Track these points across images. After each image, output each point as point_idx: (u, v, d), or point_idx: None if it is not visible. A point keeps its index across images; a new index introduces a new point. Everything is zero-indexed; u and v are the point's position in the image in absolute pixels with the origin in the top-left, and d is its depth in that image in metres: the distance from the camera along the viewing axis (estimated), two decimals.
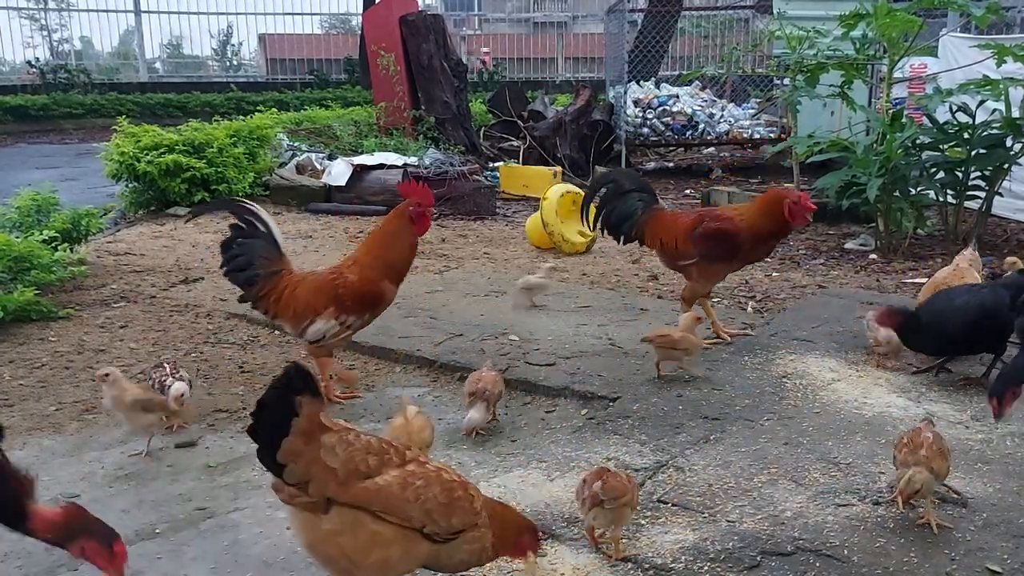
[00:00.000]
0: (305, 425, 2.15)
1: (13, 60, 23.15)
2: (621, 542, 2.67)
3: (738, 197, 9.07)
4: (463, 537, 2.29)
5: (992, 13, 6.91)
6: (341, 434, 2.21)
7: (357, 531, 2.18)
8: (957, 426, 3.58)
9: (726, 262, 4.62)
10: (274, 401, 2.14)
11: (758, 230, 4.46)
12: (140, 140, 8.20)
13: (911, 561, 2.60)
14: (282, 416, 2.14)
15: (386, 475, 2.22)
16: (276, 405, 2.14)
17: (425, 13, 11.97)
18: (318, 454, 2.16)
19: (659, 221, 4.70)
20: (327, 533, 2.19)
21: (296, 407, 2.13)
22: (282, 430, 2.14)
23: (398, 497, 2.20)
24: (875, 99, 9.57)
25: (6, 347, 4.73)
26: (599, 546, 2.70)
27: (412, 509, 2.21)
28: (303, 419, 2.15)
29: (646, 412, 3.75)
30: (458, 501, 2.27)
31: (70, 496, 3.14)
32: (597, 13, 25.09)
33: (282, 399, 2.14)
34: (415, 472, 2.26)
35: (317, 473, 2.16)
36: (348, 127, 11.53)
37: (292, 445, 2.14)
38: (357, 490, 2.19)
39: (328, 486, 2.17)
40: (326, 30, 27.10)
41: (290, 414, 2.13)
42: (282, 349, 4.78)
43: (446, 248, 7.31)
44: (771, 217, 4.43)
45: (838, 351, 4.51)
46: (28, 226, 6.20)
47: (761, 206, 4.52)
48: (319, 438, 2.17)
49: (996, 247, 7.17)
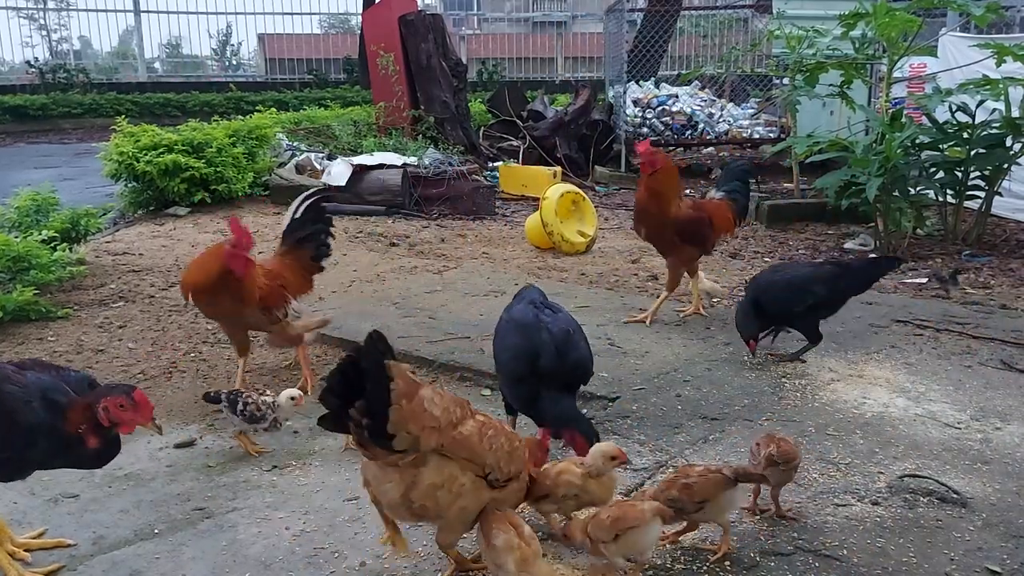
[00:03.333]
0: (403, 387, 2.18)
1: (12, 60, 23.21)
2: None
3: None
4: (511, 484, 2.43)
5: (992, 13, 6.91)
6: (430, 386, 2.29)
7: (452, 484, 2.28)
8: (957, 426, 3.58)
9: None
10: (372, 373, 2.13)
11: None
12: (139, 140, 8.19)
13: (910, 561, 2.60)
14: (379, 387, 2.14)
15: (467, 424, 2.33)
16: (374, 377, 2.14)
17: (424, 13, 11.96)
18: (423, 408, 2.21)
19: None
20: (428, 487, 2.26)
21: (389, 372, 2.14)
22: (384, 400, 2.15)
23: (479, 445, 2.32)
24: (874, 99, 9.56)
25: (4, 347, 4.73)
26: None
27: (488, 456, 2.34)
28: (399, 381, 2.16)
29: (645, 412, 3.75)
30: (516, 450, 2.45)
31: (69, 496, 3.14)
32: (596, 13, 25.06)
33: (377, 369, 2.14)
34: (486, 423, 2.39)
35: (424, 429, 2.21)
36: (347, 127, 11.52)
37: (399, 413, 2.17)
38: (451, 439, 2.27)
39: (433, 438, 2.23)
40: (325, 30, 27.09)
41: (386, 381, 2.14)
42: (282, 349, 4.76)
43: (445, 248, 7.31)
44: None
45: (837, 351, 4.51)
46: (27, 226, 6.19)
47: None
48: (417, 392, 2.22)
49: (996, 247, 7.18)
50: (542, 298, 3.31)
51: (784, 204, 8.48)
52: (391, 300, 5.52)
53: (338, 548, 2.73)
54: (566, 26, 29.61)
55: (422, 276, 6.22)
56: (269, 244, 7.20)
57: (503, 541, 2.29)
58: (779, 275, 4.46)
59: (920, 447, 3.39)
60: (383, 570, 2.60)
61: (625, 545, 2.39)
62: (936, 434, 3.51)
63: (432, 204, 8.82)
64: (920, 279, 6.23)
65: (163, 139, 8.22)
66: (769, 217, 8.26)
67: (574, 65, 24.43)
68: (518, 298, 3.37)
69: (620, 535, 2.38)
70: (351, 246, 7.21)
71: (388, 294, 5.69)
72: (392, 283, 6.01)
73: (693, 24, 18.76)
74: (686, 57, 19.56)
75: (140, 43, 21.56)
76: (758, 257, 7.08)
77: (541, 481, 2.62)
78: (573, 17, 30.46)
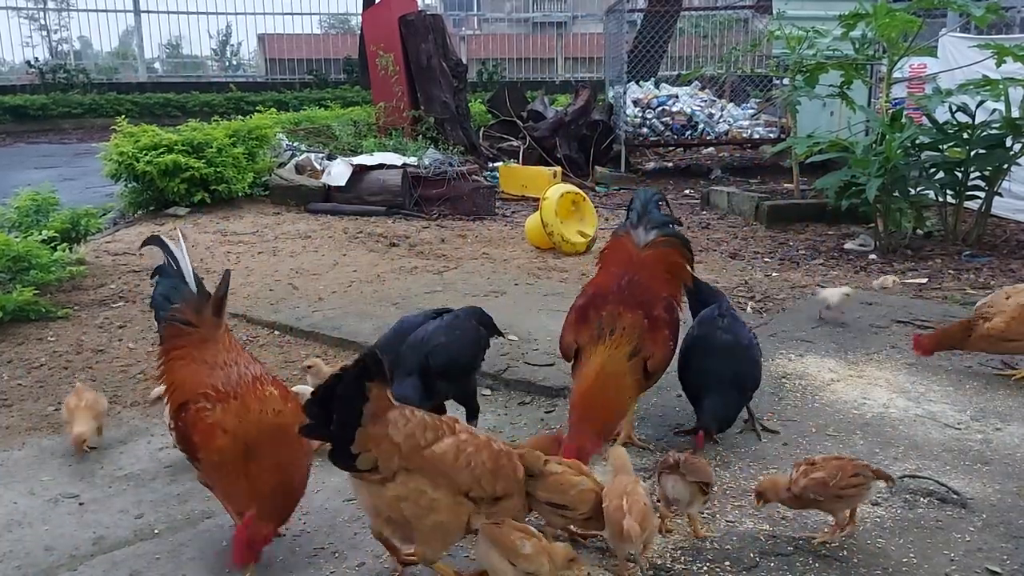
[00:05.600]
0: (374, 408, 2.24)
1: (12, 60, 23.22)
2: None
3: (737, 197, 9.09)
4: (503, 503, 2.42)
5: (992, 13, 6.92)
6: (401, 409, 2.32)
7: (419, 498, 2.30)
8: (957, 427, 3.58)
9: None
10: (346, 395, 2.19)
11: None
12: (139, 140, 8.18)
13: (910, 562, 2.60)
14: (350, 409, 2.20)
15: (441, 444, 2.34)
16: (347, 399, 2.19)
17: (424, 13, 11.96)
18: (386, 431, 2.26)
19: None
20: (392, 499, 2.30)
21: (366, 394, 2.20)
22: (353, 423, 2.22)
23: (452, 464, 2.33)
24: (875, 99, 9.57)
25: (4, 347, 4.73)
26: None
27: (463, 474, 2.34)
28: (372, 404, 2.23)
29: (645, 412, 3.75)
30: (503, 468, 2.42)
31: (69, 496, 3.14)
32: (596, 13, 25.04)
33: (353, 391, 2.20)
34: (466, 440, 2.39)
35: (385, 451, 2.26)
36: (347, 127, 11.52)
37: (363, 434, 2.23)
38: (419, 459, 2.30)
39: (393, 460, 2.27)
40: (325, 30, 27.07)
41: (360, 403, 2.21)
42: (282, 349, 4.77)
43: (445, 248, 7.31)
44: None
45: (837, 351, 4.51)
46: (27, 226, 6.18)
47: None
48: (385, 415, 2.28)
49: (996, 247, 7.18)
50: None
51: (784, 204, 8.48)
52: (391, 300, 5.52)
53: (338, 548, 2.73)
54: (566, 26, 29.59)
55: (422, 276, 6.22)
56: (268, 244, 7.22)
57: (532, 547, 2.29)
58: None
59: (920, 447, 3.39)
60: (383, 570, 2.60)
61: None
62: (936, 434, 3.51)
63: (432, 204, 8.82)
64: (920, 279, 6.23)
65: (163, 139, 8.22)
66: (769, 217, 8.26)
67: (574, 65, 24.41)
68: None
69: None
70: (351, 246, 7.21)
71: (388, 294, 5.69)
72: (392, 283, 6.01)
73: (693, 24, 18.78)
74: (686, 57, 19.57)
75: (140, 43, 21.56)
76: (758, 257, 7.07)
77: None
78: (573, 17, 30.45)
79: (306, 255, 6.84)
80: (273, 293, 5.72)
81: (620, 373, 3.08)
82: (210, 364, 2.67)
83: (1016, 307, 4.05)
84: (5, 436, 3.66)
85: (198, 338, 2.74)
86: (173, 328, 2.77)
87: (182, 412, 2.61)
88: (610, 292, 3.26)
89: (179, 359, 2.72)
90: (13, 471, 3.35)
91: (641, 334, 3.12)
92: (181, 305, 2.79)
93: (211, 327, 2.77)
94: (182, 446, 2.68)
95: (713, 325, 3.51)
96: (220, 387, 2.59)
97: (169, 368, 2.75)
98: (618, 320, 3.13)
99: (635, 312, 3.16)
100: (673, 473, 2.63)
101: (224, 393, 2.58)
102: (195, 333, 2.75)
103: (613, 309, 3.17)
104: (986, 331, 4.05)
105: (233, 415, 2.52)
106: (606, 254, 3.59)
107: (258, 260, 6.68)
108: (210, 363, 2.67)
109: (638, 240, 3.47)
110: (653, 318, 3.18)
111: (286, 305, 5.43)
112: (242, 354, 2.76)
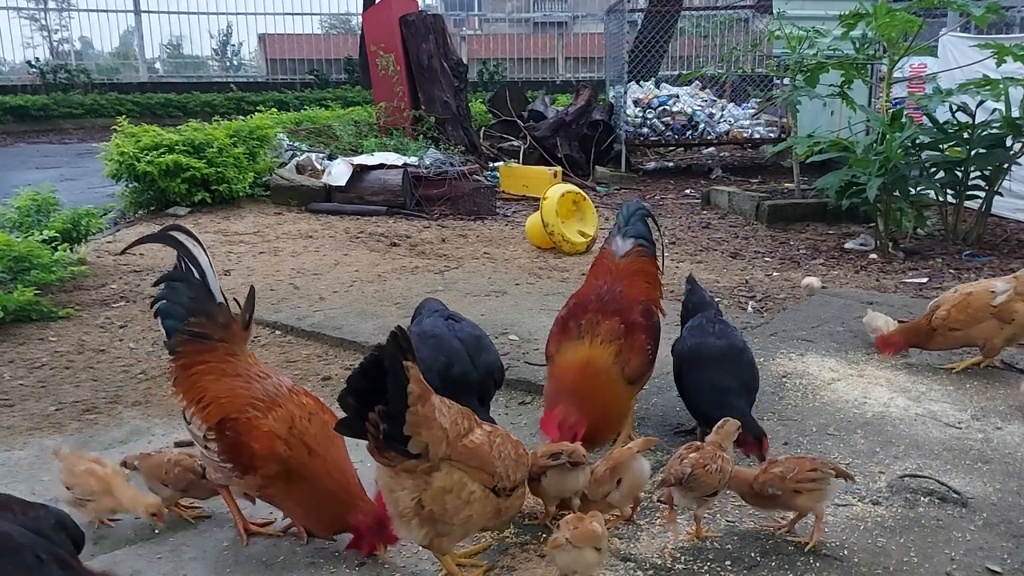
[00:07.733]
0: (419, 391, 2.13)
1: (13, 60, 23.23)
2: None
3: (738, 197, 9.09)
4: (516, 492, 2.44)
5: (992, 13, 6.92)
6: (437, 395, 2.25)
7: (461, 490, 2.27)
8: (958, 426, 3.58)
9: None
10: (394, 373, 2.07)
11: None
12: (140, 140, 8.20)
13: (911, 561, 2.60)
14: (399, 388, 2.09)
15: (475, 434, 2.33)
16: (396, 377, 2.07)
17: (425, 13, 11.97)
18: (433, 415, 2.17)
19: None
20: (438, 491, 2.23)
21: (407, 374, 2.08)
22: (403, 402, 2.10)
23: (488, 454, 2.32)
24: (875, 99, 9.57)
25: (6, 347, 4.73)
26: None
27: (498, 465, 2.33)
28: (415, 385, 2.11)
29: (645, 412, 3.75)
30: (522, 457, 2.46)
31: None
32: (597, 13, 25.07)
33: (399, 369, 2.07)
34: (493, 431, 2.40)
35: (434, 435, 2.19)
36: (348, 127, 11.53)
37: (414, 416, 2.13)
38: (461, 448, 2.27)
39: (442, 446, 2.21)
40: (326, 30, 27.10)
41: (405, 382, 2.08)
42: (282, 349, 4.77)
43: (446, 248, 7.31)
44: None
45: (838, 351, 4.51)
46: (28, 226, 6.20)
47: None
48: (429, 397, 2.18)
49: (996, 247, 7.18)
50: (443, 308, 3.43)
51: (784, 204, 8.49)
52: (392, 300, 5.52)
53: (338, 548, 2.73)
54: (567, 26, 29.64)
55: (423, 276, 6.23)
56: (269, 244, 7.22)
57: (599, 523, 2.29)
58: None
59: (921, 447, 3.39)
60: (383, 571, 2.61)
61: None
62: (937, 434, 3.51)
63: (433, 204, 8.83)
64: (920, 279, 6.23)
65: (164, 139, 8.23)
66: (769, 217, 8.27)
67: (575, 65, 24.41)
68: (421, 313, 3.42)
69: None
70: (352, 246, 7.21)
71: (389, 294, 5.69)
72: (393, 283, 6.01)
73: (694, 24, 18.77)
74: (687, 57, 19.57)
75: (141, 43, 21.57)
76: (759, 257, 7.08)
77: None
78: (574, 17, 30.50)
79: (307, 255, 6.85)
80: (274, 293, 5.72)
81: (607, 367, 3.10)
82: (244, 377, 2.65)
83: (957, 295, 4.15)
84: (7, 436, 3.67)
85: (224, 352, 2.69)
86: (196, 344, 2.69)
87: (226, 426, 2.58)
88: (589, 302, 3.32)
89: (207, 374, 2.66)
90: (15, 471, 3.35)
91: (618, 340, 3.14)
92: (203, 319, 2.69)
93: (240, 342, 2.74)
94: (229, 457, 2.59)
95: (706, 333, 3.46)
96: (263, 398, 2.59)
97: (195, 383, 2.66)
98: (596, 327, 3.18)
99: (612, 319, 3.19)
100: (680, 487, 2.64)
101: (270, 402, 2.58)
102: (220, 347, 2.69)
103: (592, 317, 3.22)
104: (937, 324, 4.13)
105: (284, 423, 2.54)
106: (591, 267, 3.67)
107: (259, 260, 6.68)
108: (243, 376, 2.66)
109: (617, 250, 3.54)
110: (629, 323, 3.21)
111: (287, 305, 5.43)
112: (266, 367, 2.76)
